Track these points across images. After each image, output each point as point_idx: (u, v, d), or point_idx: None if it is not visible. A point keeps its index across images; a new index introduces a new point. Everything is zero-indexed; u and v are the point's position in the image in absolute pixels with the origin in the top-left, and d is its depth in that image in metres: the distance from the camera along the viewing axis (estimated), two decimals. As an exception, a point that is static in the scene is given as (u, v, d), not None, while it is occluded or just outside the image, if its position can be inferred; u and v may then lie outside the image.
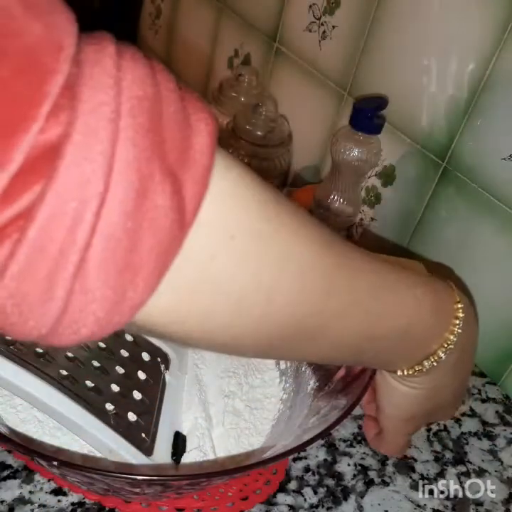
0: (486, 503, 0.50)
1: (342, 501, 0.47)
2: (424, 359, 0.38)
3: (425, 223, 0.68)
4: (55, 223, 0.20)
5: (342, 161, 0.66)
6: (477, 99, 0.59)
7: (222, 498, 0.44)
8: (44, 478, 0.44)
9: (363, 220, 0.74)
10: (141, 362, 0.43)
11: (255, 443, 0.47)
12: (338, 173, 0.68)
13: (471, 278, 0.63)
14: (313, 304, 0.30)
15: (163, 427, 0.41)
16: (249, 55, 0.95)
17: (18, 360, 0.37)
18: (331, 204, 0.69)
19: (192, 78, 1.15)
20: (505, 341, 0.61)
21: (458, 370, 0.41)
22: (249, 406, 0.49)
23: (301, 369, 0.51)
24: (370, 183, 0.72)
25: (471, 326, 0.41)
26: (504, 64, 0.56)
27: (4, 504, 0.42)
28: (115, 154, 0.20)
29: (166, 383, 0.44)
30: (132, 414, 0.40)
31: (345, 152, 0.66)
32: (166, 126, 0.22)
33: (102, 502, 0.43)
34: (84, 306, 0.21)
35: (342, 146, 0.66)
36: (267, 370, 0.54)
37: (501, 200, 0.58)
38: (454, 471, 0.52)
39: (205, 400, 0.47)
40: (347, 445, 0.52)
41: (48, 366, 0.38)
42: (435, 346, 0.38)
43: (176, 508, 0.43)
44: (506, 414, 0.59)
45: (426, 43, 0.64)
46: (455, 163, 0.63)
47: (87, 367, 0.40)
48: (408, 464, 0.52)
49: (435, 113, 0.64)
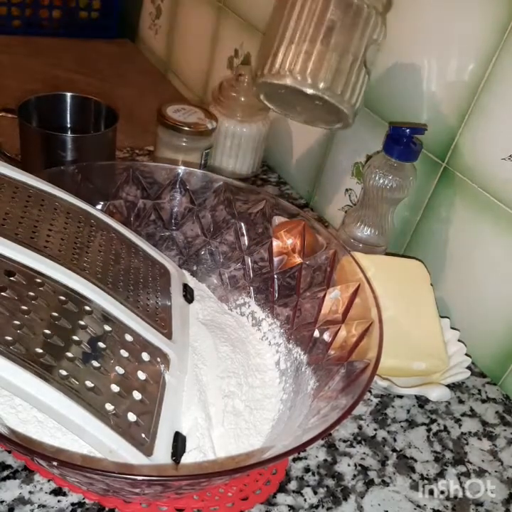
0: (486, 503, 0.50)
1: (342, 501, 0.47)
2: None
3: (425, 223, 0.68)
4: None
5: (373, 188, 0.64)
6: (477, 99, 0.59)
7: (222, 498, 0.44)
8: (44, 478, 0.44)
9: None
10: (141, 362, 0.43)
11: (255, 443, 0.47)
12: (369, 200, 0.66)
13: (471, 278, 0.63)
14: None
15: (163, 427, 0.41)
16: (249, 55, 0.95)
17: (18, 360, 0.37)
18: (359, 232, 0.67)
19: (192, 78, 1.15)
20: (505, 341, 0.61)
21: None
22: (249, 406, 0.49)
23: (301, 369, 0.51)
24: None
25: None
26: (504, 64, 0.56)
27: (4, 504, 0.42)
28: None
29: (166, 383, 0.44)
30: (132, 414, 0.40)
31: (378, 179, 0.64)
32: None
33: (101, 502, 0.43)
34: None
35: (374, 172, 0.64)
36: (266, 370, 0.54)
37: (501, 200, 0.58)
38: (454, 471, 0.52)
39: (205, 400, 0.47)
40: (347, 445, 0.52)
41: (48, 366, 0.38)
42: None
43: (176, 508, 0.43)
44: (506, 414, 0.59)
45: (426, 43, 0.64)
46: (455, 163, 0.63)
47: (87, 367, 0.40)
48: (408, 464, 0.52)
49: (435, 113, 0.64)
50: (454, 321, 0.64)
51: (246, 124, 0.82)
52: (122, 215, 0.59)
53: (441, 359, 0.57)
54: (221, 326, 0.56)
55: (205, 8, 1.06)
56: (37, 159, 0.68)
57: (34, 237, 0.44)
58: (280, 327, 0.56)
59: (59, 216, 0.48)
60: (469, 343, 0.61)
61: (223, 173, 0.76)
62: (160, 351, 0.45)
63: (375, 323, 0.45)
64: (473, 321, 0.63)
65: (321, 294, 0.52)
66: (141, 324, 0.46)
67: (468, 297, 0.64)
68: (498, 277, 0.60)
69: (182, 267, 0.61)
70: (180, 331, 0.49)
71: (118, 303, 0.45)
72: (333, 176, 0.81)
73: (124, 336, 0.44)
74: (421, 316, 0.58)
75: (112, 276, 0.47)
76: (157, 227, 0.61)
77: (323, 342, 0.50)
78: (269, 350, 0.56)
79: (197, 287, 0.60)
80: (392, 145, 0.62)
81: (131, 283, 0.49)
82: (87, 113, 0.73)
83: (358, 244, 0.68)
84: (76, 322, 0.41)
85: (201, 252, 0.61)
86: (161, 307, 0.50)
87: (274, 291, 0.57)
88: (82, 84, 1.07)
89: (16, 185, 0.47)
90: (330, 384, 0.45)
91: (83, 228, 0.49)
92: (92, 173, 0.56)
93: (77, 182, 0.55)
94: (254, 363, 0.54)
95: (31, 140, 0.67)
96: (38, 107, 0.69)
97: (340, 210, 0.80)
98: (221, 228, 0.60)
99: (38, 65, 1.12)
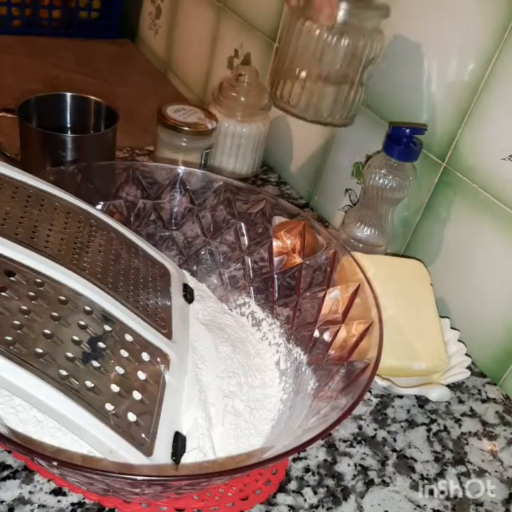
0: (486, 503, 0.50)
1: (342, 501, 0.47)
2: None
3: (425, 223, 0.68)
4: None
5: (373, 188, 0.64)
6: (477, 99, 0.59)
7: (222, 498, 0.44)
8: (44, 478, 0.44)
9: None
10: (141, 362, 0.43)
11: (255, 443, 0.47)
12: (369, 200, 0.66)
13: (471, 278, 0.63)
14: None
15: (163, 427, 0.41)
16: (249, 55, 0.95)
17: (18, 360, 0.37)
18: (359, 232, 0.68)
19: (192, 78, 1.15)
20: (505, 341, 0.61)
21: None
22: (249, 406, 0.49)
23: (301, 369, 0.51)
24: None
25: None
26: (504, 64, 0.56)
27: (4, 504, 0.42)
28: None
29: (166, 383, 0.44)
30: (132, 414, 0.40)
31: (378, 179, 0.64)
32: None
33: (101, 502, 0.43)
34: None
35: (374, 172, 0.64)
36: (267, 370, 0.54)
37: (501, 200, 0.58)
38: (454, 471, 0.52)
39: (205, 400, 0.47)
40: (347, 445, 0.52)
41: (48, 366, 0.38)
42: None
43: (176, 508, 0.43)
44: (506, 415, 0.59)
45: (426, 43, 0.64)
46: (455, 163, 0.63)
47: (87, 367, 0.40)
48: (408, 464, 0.52)
49: (435, 113, 0.64)
50: (454, 321, 0.64)
51: (246, 124, 0.82)
52: (122, 215, 0.59)
53: (441, 359, 0.57)
54: (221, 326, 0.56)
55: (205, 8, 1.06)
56: (37, 159, 0.68)
57: (34, 237, 0.44)
58: (280, 327, 0.56)
59: (59, 216, 0.48)
60: (469, 343, 0.61)
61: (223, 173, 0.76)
62: (160, 351, 0.45)
63: (375, 323, 0.45)
64: (473, 321, 0.63)
65: (321, 294, 0.52)
66: (141, 324, 0.46)
67: (468, 297, 0.64)
68: (498, 277, 0.60)
69: (182, 267, 0.61)
70: (180, 331, 0.49)
71: (118, 303, 0.45)
72: (333, 176, 0.81)
73: (124, 336, 0.44)
74: (421, 316, 0.58)
75: (111, 276, 0.47)
76: (157, 227, 0.61)
77: (323, 342, 0.50)
78: (269, 350, 0.56)
79: (197, 287, 0.60)
80: (392, 145, 0.62)
81: (131, 283, 0.49)
82: (87, 113, 0.73)
83: (358, 244, 0.68)
84: (76, 322, 0.41)
85: (201, 252, 0.61)
86: (161, 307, 0.50)
87: (274, 291, 0.57)
88: (82, 84, 1.07)
89: (16, 185, 0.47)
90: (330, 384, 0.45)
91: (83, 228, 0.49)
92: (92, 173, 0.56)
93: (77, 182, 0.55)
94: (254, 362, 0.54)
95: (31, 140, 0.67)
96: (38, 107, 0.69)
97: (340, 210, 0.80)
98: (221, 228, 0.60)
99: (38, 65, 1.12)
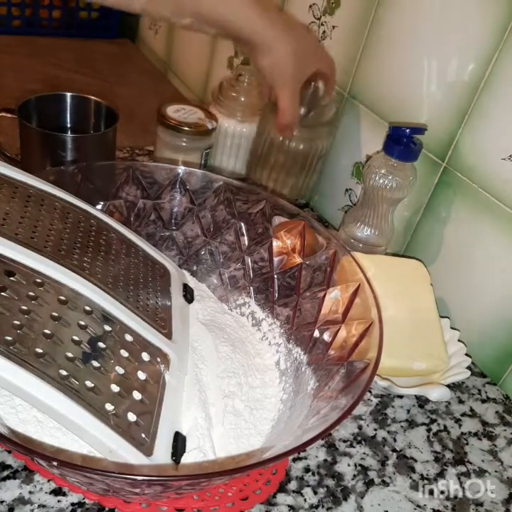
0: (486, 503, 0.50)
1: (342, 501, 0.47)
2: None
3: (425, 223, 0.68)
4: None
5: (373, 188, 0.64)
6: (477, 99, 0.59)
7: (222, 498, 0.44)
8: (44, 478, 0.44)
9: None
10: (141, 362, 0.43)
11: (255, 443, 0.47)
12: (369, 200, 0.66)
13: (471, 278, 0.63)
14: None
15: (163, 427, 0.41)
16: (249, 55, 0.95)
17: (18, 360, 0.37)
18: (359, 232, 0.67)
19: (192, 78, 1.15)
20: (505, 341, 0.61)
21: (295, 27, 0.59)
22: (249, 406, 0.49)
23: (301, 369, 0.51)
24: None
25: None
26: (504, 64, 0.56)
27: (4, 504, 0.42)
28: None
29: (166, 383, 0.44)
30: (132, 414, 0.40)
31: (378, 179, 0.64)
32: None
33: (101, 502, 0.43)
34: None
35: (374, 172, 0.64)
36: (266, 370, 0.54)
37: (501, 200, 0.58)
38: (454, 471, 0.52)
39: (205, 400, 0.47)
40: (347, 445, 0.52)
41: (48, 366, 0.38)
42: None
43: (176, 508, 0.43)
44: (506, 415, 0.59)
45: (426, 43, 0.64)
46: (455, 163, 0.63)
47: (87, 367, 0.40)
48: (408, 464, 0.52)
49: (435, 113, 0.64)
50: (454, 321, 0.63)
51: (246, 124, 0.82)
52: (122, 215, 0.59)
53: (441, 359, 0.57)
54: (221, 326, 0.56)
55: (205, 8, 1.06)
56: (37, 159, 0.68)
57: (34, 237, 0.44)
58: (280, 327, 0.56)
59: (59, 216, 0.48)
60: (469, 343, 0.61)
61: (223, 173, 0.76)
62: (160, 351, 0.45)
63: (375, 323, 0.45)
64: (473, 321, 0.63)
65: (321, 294, 0.52)
66: (141, 324, 0.46)
67: (468, 297, 0.64)
68: (498, 277, 0.60)
69: (182, 267, 0.61)
70: (180, 331, 0.49)
71: (118, 303, 0.45)
72: (333, 176, 0.81)
73: (124, 336, 0.44)
74: (421, 316, 0.58)
75: (111, 276, 0.47)
76: (157, 227, 0.61)
77: (323, 342, 0.50)
78: (269, 350, 0.56)
79: (197, 287, 0.60)
80: (392, 145, 0.62)
81: (131, 283, 0.49)
82: (87, 113, 0.73)
83: (358, 244, 0.68)
84: (76, 322, 0.41)
85: (201, 252, 0.61)
86: (161, 307, 0.50)
87: (274, 291, 0.57)
88: (82, 84, 1.07)
89: (16, 185, 0.47)
90: (330, 384, 0.45)
91: (83, 228, 0.49)
92: (92, 173, 0.56)
93: (77, 182, 0.55)
94: (254, 362, 0.54)
95: (31, 140, 0.67)
96: (38, 107, 0.69)
97: (340, 210, 0.80)
98: (221, 228, 0.60)
99: (38, 65, 1.12)
